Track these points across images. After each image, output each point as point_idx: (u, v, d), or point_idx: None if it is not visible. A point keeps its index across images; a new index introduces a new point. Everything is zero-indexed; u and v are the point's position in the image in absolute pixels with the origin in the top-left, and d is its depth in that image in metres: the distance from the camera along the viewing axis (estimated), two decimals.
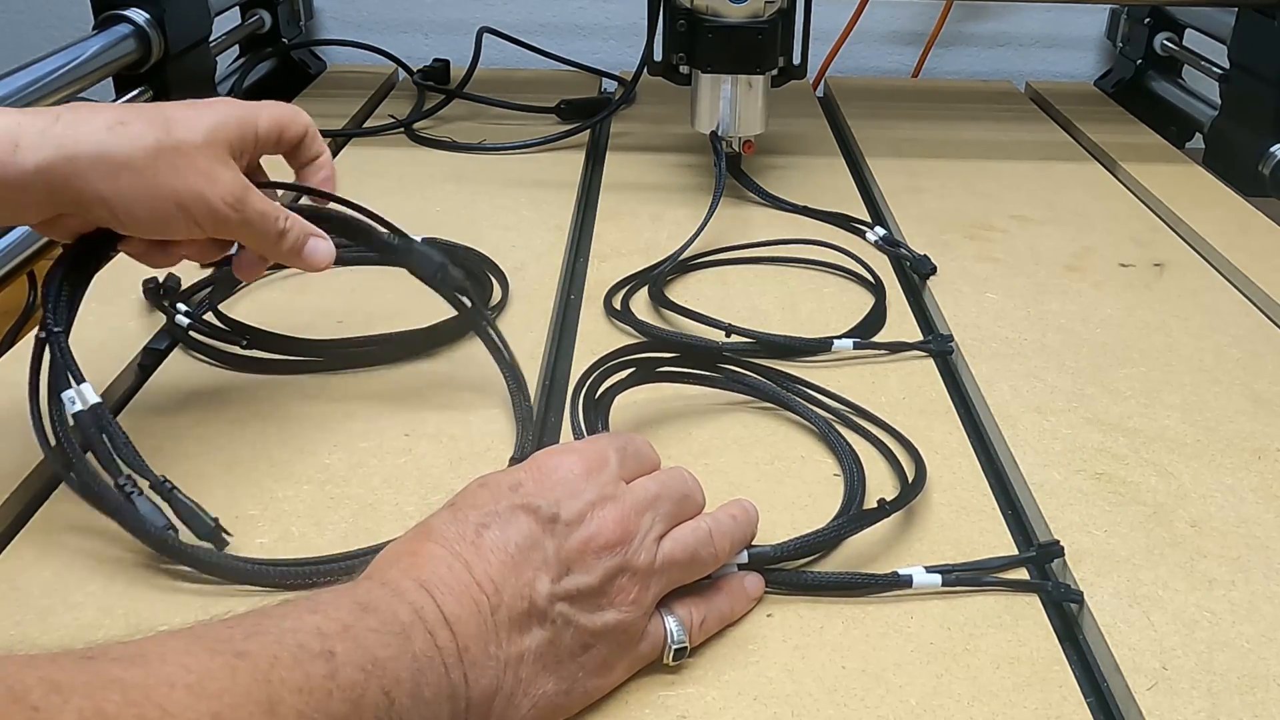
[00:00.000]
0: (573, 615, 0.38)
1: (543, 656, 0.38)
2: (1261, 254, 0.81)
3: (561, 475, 0.41)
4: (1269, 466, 0.56)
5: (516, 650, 0.37)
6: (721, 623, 0.44)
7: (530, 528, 0.39)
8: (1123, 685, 0.43)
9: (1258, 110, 1.00)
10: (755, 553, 0.46)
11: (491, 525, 0.39)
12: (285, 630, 0.33)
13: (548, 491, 0.40)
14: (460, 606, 0.36)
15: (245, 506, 0.51)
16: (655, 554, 0.41)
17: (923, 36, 1.34)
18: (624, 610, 0.40)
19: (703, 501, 0.45)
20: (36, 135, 0.45)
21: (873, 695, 0.42)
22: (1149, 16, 1.22)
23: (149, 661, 0.30)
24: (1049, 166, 1.00)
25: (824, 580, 0.47)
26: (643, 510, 0.41)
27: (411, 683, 0.34)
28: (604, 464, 0.42)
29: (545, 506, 0.39)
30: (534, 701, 0.38)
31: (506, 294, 0.71)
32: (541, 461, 0.42)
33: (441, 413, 0.59)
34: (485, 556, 0.38)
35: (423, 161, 0.98)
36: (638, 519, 0.41)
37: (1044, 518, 0.52)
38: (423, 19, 1.35)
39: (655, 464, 0.45)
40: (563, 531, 0.39)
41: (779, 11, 0.84)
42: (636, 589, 0.40)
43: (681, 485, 0.44)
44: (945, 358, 0.67)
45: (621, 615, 0.40)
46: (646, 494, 0.42)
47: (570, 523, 0.39)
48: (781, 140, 1.03)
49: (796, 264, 0.79)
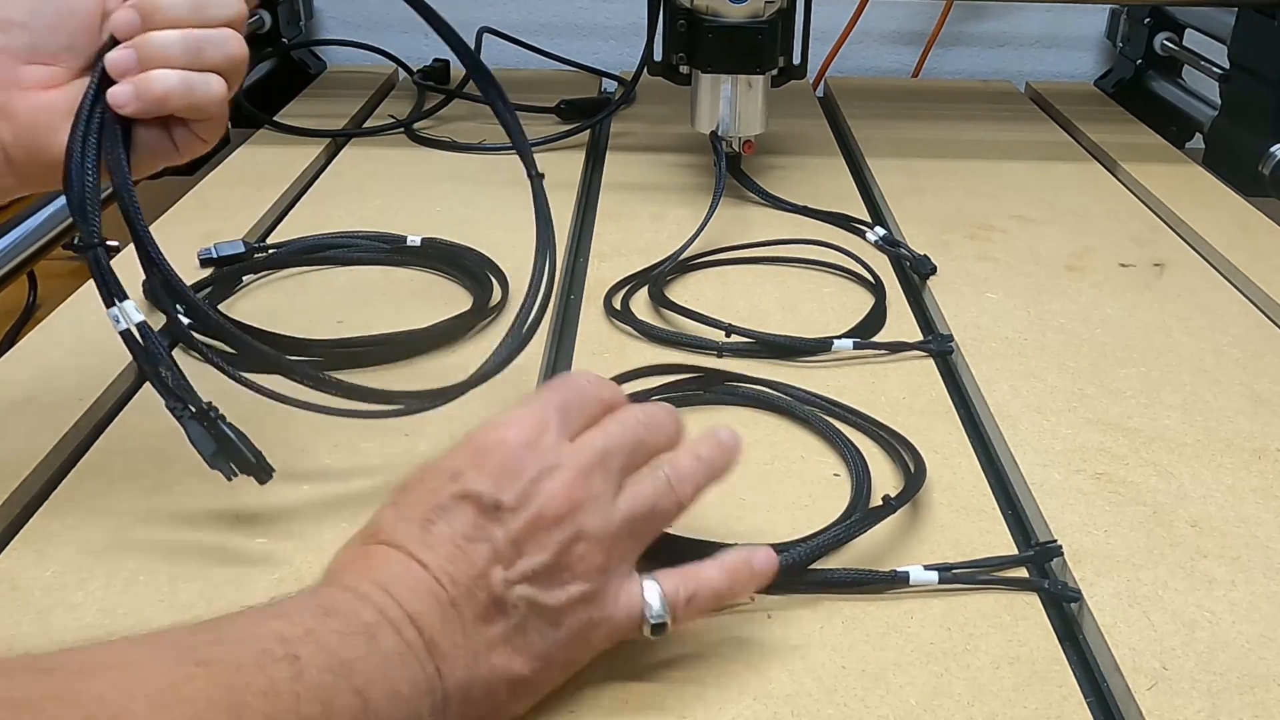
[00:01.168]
0: (535, 596, 0.38)
1: (512, 642, 0.37)
2: (1261, 254, 0.81)
3: (500, 456, 0.39)
4: (1269, 466, 0.56)
5: (484, 639, 0.37)
6: (716, 601, 0.42)
7: (474, 518, 0.38)
8: (1123, 685, 0.43)
9: (1258, 110, 1.00)
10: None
11: (437, 520, 0.38)
12: (248, 636, 0.33)
13: (487, 476, 0.38)
14: (421, 603, 0.36)
15: (245, 506, 0.51)
16: (611, 515, 0.40)
17: (923, 36, 1.34)
18: (589, 580, 0.39)
19: (666, 438, 0.43)
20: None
21: (873, 695, 0.42)
22: (1149, 16, 1.22)
23: (108, 672, 0.30)
24: (1049, 166, 1.00)
25: (822, 579, 0.47)
26: (590, 472, 0.39)
27: (385, 681, 0.34)
28: (543, 430, 0.40)
29: (486, 494, 0.38)
30: (512, 686, 0.38)
31: (506, 294, 0.71)
32: (478, 442, 0.40)
33: (442, 413, 0.59)
34: (436, 551, 0.37)
35: (423, 161, 0.98)
36: (586, 483, 0.39)
37: (1044, 518, 0.52)
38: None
39: (605, 405, 0.43)
40: (508, 517, 0.38)
41: (779, 11, 0.84)
42: (599, 555, 0.39)
43: (633, 432, 0.42)
44: (945, 358, 0.67)
45: (586, 585, 0.39)
46: (593, 452, 0.40)
47: (514, 506, 0.38)
48: (781, 140, 1.03)
49: (796, 264, 0.79)
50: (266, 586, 0.46)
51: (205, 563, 0.48)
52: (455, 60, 1.16)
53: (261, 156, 0.97)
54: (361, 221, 0.82)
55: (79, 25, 0.46)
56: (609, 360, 0.65)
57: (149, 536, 0.49)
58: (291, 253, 0.76)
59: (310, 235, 0.78)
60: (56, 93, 0.46)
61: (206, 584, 0.46)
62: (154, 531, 0.49)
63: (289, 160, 0.95)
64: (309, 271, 0.75)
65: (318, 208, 0.87)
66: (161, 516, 0.50)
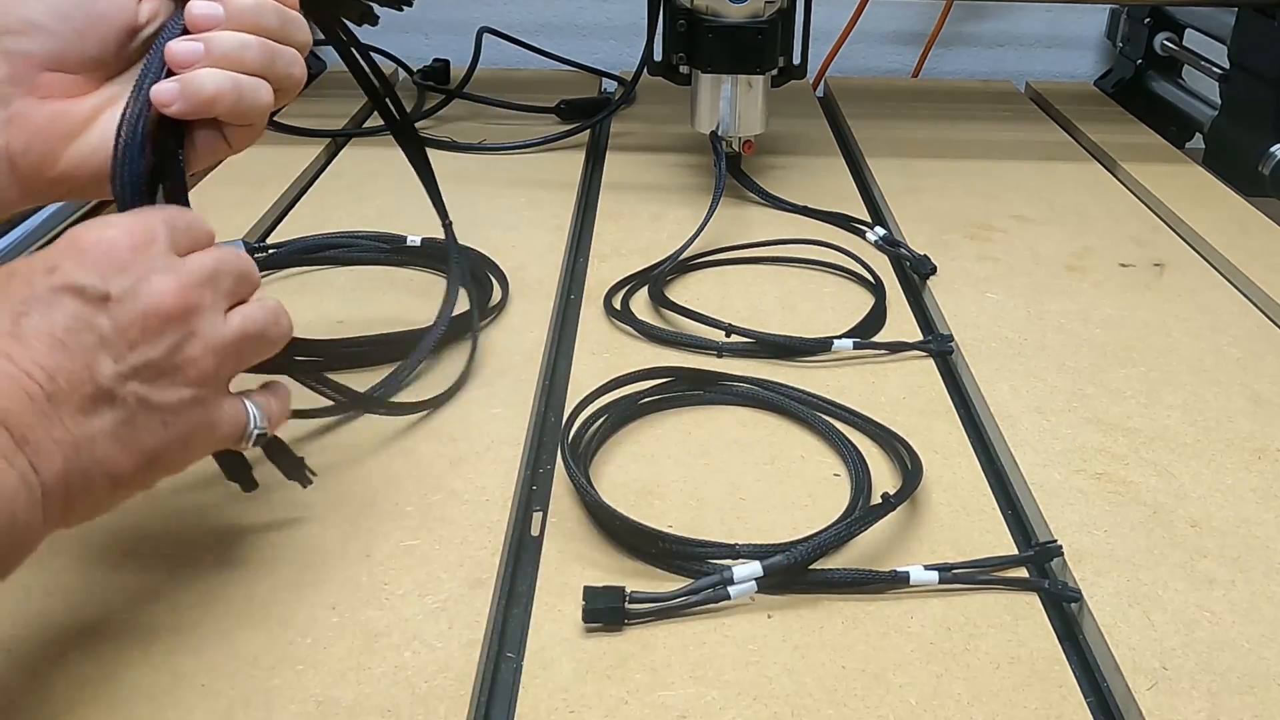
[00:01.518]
0: (145, 393, 0.37)
1: (117, 435, 0.37)
2: (1261, 254, 0.81)
3: (104, 250, 0.38)
4: (1269, 466, 0.56)
5: (86, 433, 0.36)
6: (284, 418, 0.44)
7: (78, 308, 0.36)
8: (1123, 685, 0.43)
9: (1258, 110, 1.00)
10: (770, 564, 0.46)
11: (30, 312, 0.36)
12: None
13: (91, 269, 0.37)
14: (9, 400, 0.35)
15: (246, 505, 0.51)
16: (224, 327, 0.40)
17: (923, 36, 1.34)
18: (200, 385, 0.39)
19: (258, 278, 0.43)
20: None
21: (873, 695, 0.42)
22: (1149, 16, 1.22)
23: None
24: (1049, 166, 1.00)
25: (822, 579, 0.47)
26: (203, 283, 0.39)
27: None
28: (152, 239, 0.39)
29: (92, 285, 0.37)
30: (113, 481, 0.37)
31: (506, 294, 0.72)
32: (79, 238, 0.38)
33: (441, 412, 0.59)
34: (29, 344, 0.36)
35: None
36: (199, 291, 0.39)
37: (1044, 518, 0.52)
38: (423, 19, 1.35)
39: (210, 239, 0.42)
40: (115, 308, 0.37)
41: (779, 11, 0.84)
42: (210, 362, 0.39)
43: (240, 261, 0.42)
44: (945, 358, 0.67)
45: (197, 392, 0.39)
46: (203, 267, 0.40)
47: (123, 298, 0.37)
48: (781, 140, 1.03)
49: (796, 264, 0.79)
50: (267, 588, 0.46)
51: (200, 564, 0.48)
52: (455, 60, 1.17)
53: (261, 156, 0.97)
54: (361, 221, 0.82)
55: (108, 34, 0.44)
56: (609, 360, 0.65)
57: (149, 538, 0.49)
58: (291, 253, 0.76)
59: (310, 235, 0.78)
60: (73, 103, 0.43)
61: (204, 585, 0.46)
62: (153, 531, 0.49)
63: (289, 160, 0.95)
64: (309, 271, 0.76)
65: (318, 208, 0.87)
66: (156, 516, 0.50)
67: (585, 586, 0.45)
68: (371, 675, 0.42)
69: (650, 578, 0.48)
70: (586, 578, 0.47)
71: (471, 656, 0.43)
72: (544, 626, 0.45)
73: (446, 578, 0.47)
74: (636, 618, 0.45)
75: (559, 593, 0.46)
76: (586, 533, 0.50)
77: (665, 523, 0.50)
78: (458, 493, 0.52)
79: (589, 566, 0.48)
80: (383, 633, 0.44)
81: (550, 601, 0.46)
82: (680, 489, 0.53)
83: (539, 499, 0.53)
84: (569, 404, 0.58)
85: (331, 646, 0.43)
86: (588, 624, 0.44)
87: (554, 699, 0.41)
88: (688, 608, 0.45)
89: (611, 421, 0.58)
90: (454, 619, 0.45)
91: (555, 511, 0.52)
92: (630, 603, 0.45)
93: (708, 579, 0.46)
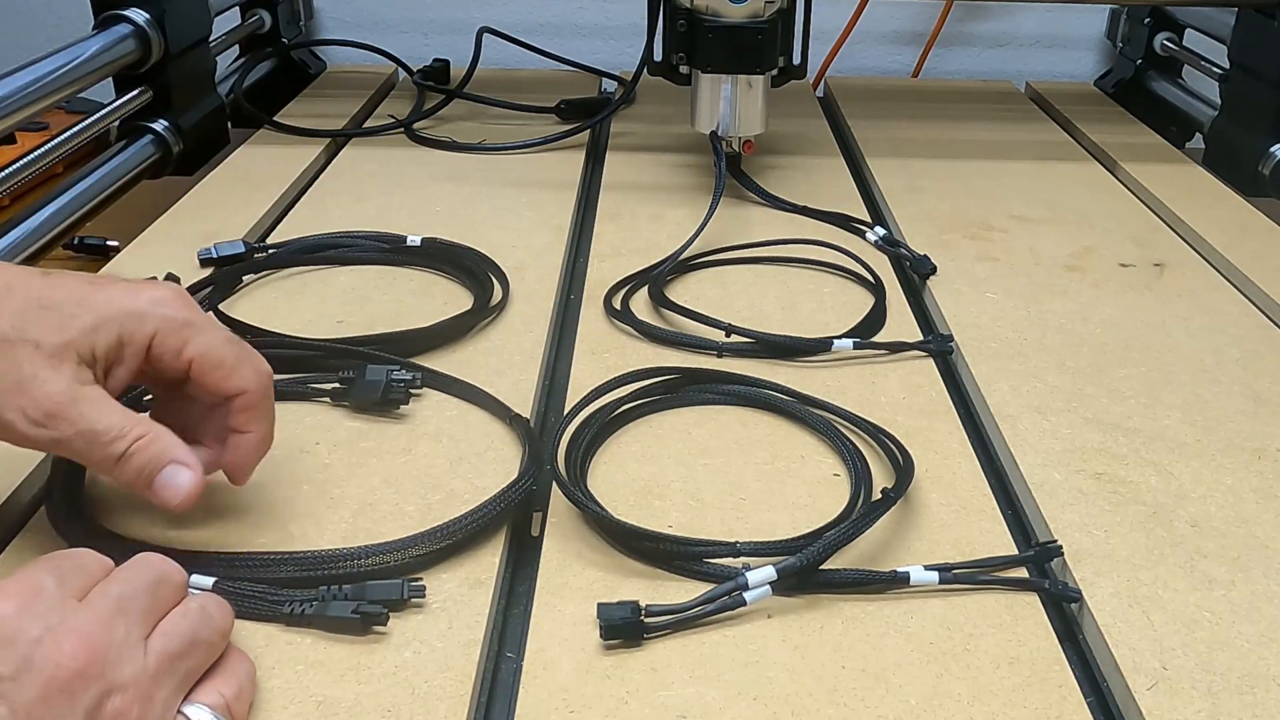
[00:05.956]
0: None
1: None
2: (1261, 254, 0.81)
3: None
4: (1269, 466, 0.56)
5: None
6: (253, 682, 0.39)
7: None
8: (1123, 685, 0.43)
9: (1258, 110, 1.00)
10: (784, 567, 0.45)
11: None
12: None
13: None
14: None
15: (246, 506, 0.51)
16: (145, 659, 0.35)
17: (923, 36, 1.34)
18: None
19: (181, 578, 0.39)
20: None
21: (873, 695, 0.42)
22: (1149, 16, 1.22)
23: None
24: (1049, 166, 1.00)
25: (822, 579, 0.47)
26: (109, 619, 0.35)
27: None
28: (39, 593, 0.35)
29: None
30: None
31: (506, 294, 0.72)
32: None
33: (441, 413, 0.59)
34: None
35: (423, 161, 0.98)
36: (107, 632, 0.34)
37: (1044, 517, 0.52)
38: (423, 19, 1.35)
39: (105, 570, 0.38)
40: (13, 689, 0.32)
41: (779, 11, 0.84)
42: (137, 706, 0.34)
43: (148, 572, 0.38)
44: (945, 358, 0.67)
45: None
46: (107, 600, 0.36)
47: (17, 674, 0.32)
48: (781, 140, 1.03)
49: (796, 264, 0.79)
50: None
51: None
52: (455, 60, 1.17)
53: (261, 156, 0.97)
54: (361, 221, 0.82)
55: (127, 352, 0.44)
56: (609, 360, 0.65)
57: (147, 543, 0.49)
58: (291, 253, 0.76)
59: (310, 235, 0.79)
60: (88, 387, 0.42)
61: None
62: (151, 534, 0.49)
63: (289, 160, 0.95)
64: (309, 271, 0.75)
65: (318, 208, 0.87)
66: (157, 520, 0.50)
67: (599, 604, 0.44)
68: (371, 675, 0.42)
69: (651, 578, 0.48)
70: (586, 577, 0.47)
71: (471, 656, 0.43)
72: (544, 626, 0.45)
73: (447, 578, 0.47)
74: (654, 631, 0.44)
75: (559, 593, 0.46)
76: (586, 533, 0.50)
77: (665, 522, 0.50)
78: (458, 493, 0.52)
79: (589, 566, 0.48)
80: (383, 633, 0.44)
81: (550, 601, 0.46)
82: (680, 489, 0.53)
83: (539, 499, 0.53)
84: (569, 404, 0.58)
85: (331, 646, 0.43)
86: (606, 641, 0.44)
87: (554, 699, 0.41)
88: (704, 617, 0.45)
89: (611, 421, 0.58)
90: (454, 619, 0.45)
91: (555, 511, 0.52)
92: (647, 616, 0.44)
93: (722, 586, 0.45)
